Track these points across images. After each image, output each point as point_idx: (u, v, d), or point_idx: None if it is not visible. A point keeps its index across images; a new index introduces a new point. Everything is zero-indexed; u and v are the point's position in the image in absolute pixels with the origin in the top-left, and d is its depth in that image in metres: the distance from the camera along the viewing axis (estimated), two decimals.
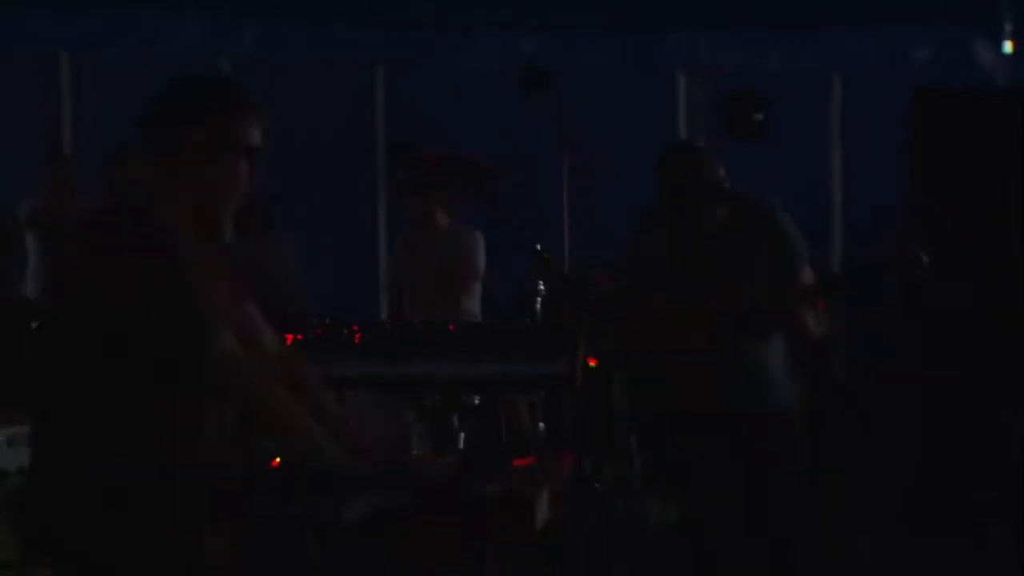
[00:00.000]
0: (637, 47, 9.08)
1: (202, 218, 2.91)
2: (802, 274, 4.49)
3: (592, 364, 5.15)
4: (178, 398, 2.81)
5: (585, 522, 5.80)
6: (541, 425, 6.06)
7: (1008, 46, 7.55)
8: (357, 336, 4.43)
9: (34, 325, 6.11)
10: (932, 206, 6.81)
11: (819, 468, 4.82)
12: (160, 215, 2.83)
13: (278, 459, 3.15)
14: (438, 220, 6.74)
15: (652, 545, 5.66)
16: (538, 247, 6.28)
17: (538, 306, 6.00)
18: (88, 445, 2.79)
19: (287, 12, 8.67)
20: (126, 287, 2.76)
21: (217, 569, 2.90)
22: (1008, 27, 7.51)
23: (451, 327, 4.79)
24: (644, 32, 8.94)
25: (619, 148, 7.66)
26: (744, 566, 4.43)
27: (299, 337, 4.38)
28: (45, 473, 2.86)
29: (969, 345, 6.80)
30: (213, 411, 2.86)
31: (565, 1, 8.14)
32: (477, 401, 5.45)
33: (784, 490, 4.42)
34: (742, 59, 8.98)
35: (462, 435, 5.37)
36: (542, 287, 6.03)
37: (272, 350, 3.16)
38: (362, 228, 9.13)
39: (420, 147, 6.48)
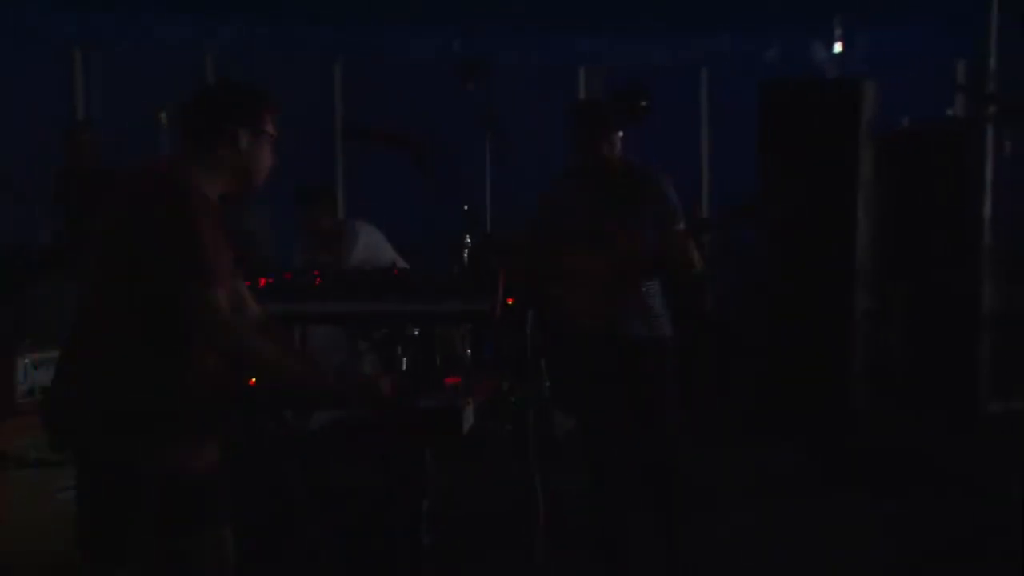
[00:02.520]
0: (547, 45, 9.07)
1: (227, 193, 2.90)
2: (680, 224, 4.37)
3: (510, 303, 5.13)
4: (171, 335, 2.74)
5: (502, 429, 5.84)
6: (468, 351, 6.05)
7: (838, 46, 7.63)
8: (318, 280, 4.37)
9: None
10: (776, 175, 6.86)
11: (690, 386, 4.76)
12: (185, 182, 2.77)
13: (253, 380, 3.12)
14: (321, 224, 6.11)
15: (556, 448, 5.70)
16: (465, 207, 6.28)
17: (466, 255, 5.99)
18: (101, 365, 2.75)
19: (261, 15, 8.56)
20: (143, 236, 2.70)
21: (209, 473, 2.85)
22: (838, 31, 7.60)
23: (395, 272, 4.75)
24: (552, 33, 8.93)
25: (531, 128, 7.63)
26: (627, 463, 4.41)
27: (271, 281, 4.30)
28: (67, 384, 2.81)
29: (807, 286, 6.92)
30: (201, 349, 2.79)
31: (489, 7, 8.08)
32: (416, 332, 5.42)
33: (662, 402, 4.37)
34: (631, 56, 9.00)
35: (404, 360, 5.34)
36: (469, 240, 6.01)
37: (254, 316, 3.09)
38: None
39: (370, 127, 6.42)
